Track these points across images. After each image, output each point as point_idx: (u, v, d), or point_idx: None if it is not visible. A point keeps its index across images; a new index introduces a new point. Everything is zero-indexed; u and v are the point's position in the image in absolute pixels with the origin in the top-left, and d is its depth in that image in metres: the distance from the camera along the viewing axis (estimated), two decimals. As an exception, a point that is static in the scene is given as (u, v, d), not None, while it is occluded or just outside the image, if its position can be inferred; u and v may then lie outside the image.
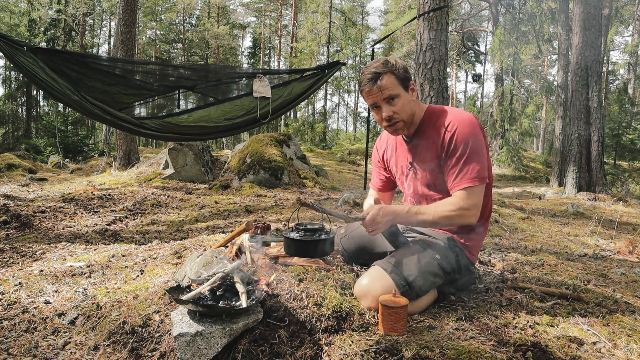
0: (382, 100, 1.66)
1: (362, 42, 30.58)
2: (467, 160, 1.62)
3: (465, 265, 1.80)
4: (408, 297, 1.55)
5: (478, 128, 1.66)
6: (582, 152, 8.07)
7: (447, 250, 1.74)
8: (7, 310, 1.73)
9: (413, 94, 1.71)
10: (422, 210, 1.63)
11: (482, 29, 22.06)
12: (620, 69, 26.27)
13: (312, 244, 1.55)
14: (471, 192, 1.61)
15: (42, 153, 13.57)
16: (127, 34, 8.32)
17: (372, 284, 1.58)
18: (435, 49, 4.61)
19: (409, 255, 1.68)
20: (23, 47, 3.40)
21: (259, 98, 4.31)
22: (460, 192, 1.63)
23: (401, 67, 1.67)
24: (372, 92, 1.66)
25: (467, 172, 1.62)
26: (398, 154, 1.90)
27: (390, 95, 1.65)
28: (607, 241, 3.50)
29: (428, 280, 1.64)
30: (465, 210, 1.61)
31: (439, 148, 1.68)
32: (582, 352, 1.36)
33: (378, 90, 1.65)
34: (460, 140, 1.62)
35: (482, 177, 1.62)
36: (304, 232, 1.56)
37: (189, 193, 5.53)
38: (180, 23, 34.48)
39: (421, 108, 1.76)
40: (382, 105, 1.67)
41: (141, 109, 4.42)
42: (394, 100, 1.66)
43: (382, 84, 1.64)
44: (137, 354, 1.40)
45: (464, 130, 1.62)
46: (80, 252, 2.69)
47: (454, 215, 1.61)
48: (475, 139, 1.63)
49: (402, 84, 1.66)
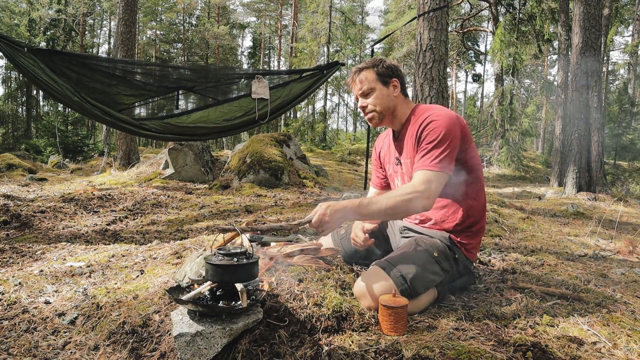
0: (359, 92, 1.82)
1: (361, 42, 30.57)
2: (433, 147, 1.64)
3: (464, 264, 1.80)
4: (407, 296, 1.56)
5: (455, 123, 1.68)
6: (582, 152, 8.07)
7: (444, 248, 1.74)
8: (7, 310, 1.73)
9: (395, 90, 1.81)
10: (374, 200, 1.59)
11: (482, 29, 22.06)
12: (620, 69, 26.28)
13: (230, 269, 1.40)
14: (429, 176, 1.60)
15: (42, 153, 13.57)
16: (127, 34, 8.33)
17: (371, 284, 1.58)
18: (435, 49, 4.61)
19: (406, 254, 1.69)
20: (23, 47, 3.40)
21: (258, 99, 4.31)
22: (418, 173, 1.63)
23: (385, 65, 1.81)
24: (351, 85, 1.85)
25: (430, 157, 1.64)
26: (389, 151, 1.98)
27: (365, 90, 1.80)
28: (607, 241, 3.50)
29: (427, 278, 1.64)
30: (418, 193, 1.57)
31: (414, 140, 1.74)
32: (582, 352, 1.36)
33: (355, 83, 1.83)
34: (431, 129, 1.67)
35: (444, 166, 1.62)
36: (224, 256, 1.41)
37: (189, 193, 5.53)
38: (180, 23, 34.48)
39: (408, 106, 1.85)
40: (359, 98, 1.84)
41: (141, 109, 4.42)
42: (370, 94, 1.80)
43: (360, 78, 1.81)
44: (137, 354, 1.40)
45: (438, 122, 1.68)
46: (80, 252, 2.69)
47: (407, 199, 1.56)
48: (448, 131, 1.65)
49: (381, 80, 1.79)
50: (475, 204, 1.80)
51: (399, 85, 1.81)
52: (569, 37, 11.06)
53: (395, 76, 1.81)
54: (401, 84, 1.82)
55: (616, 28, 17.88)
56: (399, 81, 1.81)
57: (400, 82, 1.82)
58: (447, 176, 1.65)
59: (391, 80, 1.80)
